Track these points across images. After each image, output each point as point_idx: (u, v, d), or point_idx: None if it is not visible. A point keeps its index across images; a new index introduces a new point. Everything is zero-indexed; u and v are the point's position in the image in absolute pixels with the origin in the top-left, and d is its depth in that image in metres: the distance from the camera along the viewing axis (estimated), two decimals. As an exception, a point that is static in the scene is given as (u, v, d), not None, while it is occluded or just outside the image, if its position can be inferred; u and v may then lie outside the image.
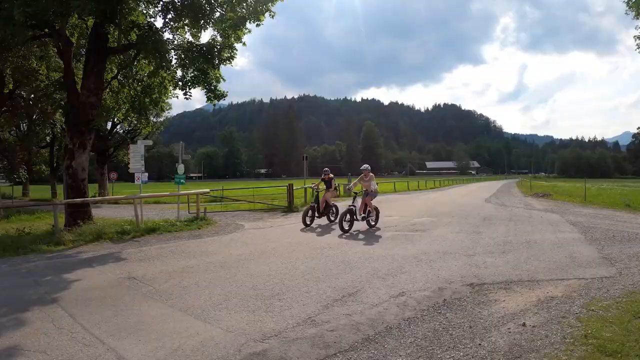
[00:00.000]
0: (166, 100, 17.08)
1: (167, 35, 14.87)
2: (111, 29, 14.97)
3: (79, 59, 18.12)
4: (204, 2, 14.02)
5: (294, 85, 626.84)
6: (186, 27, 15.26)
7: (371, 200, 13.68)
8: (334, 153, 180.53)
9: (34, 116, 25.86)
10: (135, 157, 14.85)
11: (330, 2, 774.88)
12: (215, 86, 15.46)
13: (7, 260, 9.79)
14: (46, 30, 14.15)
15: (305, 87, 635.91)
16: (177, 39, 15.37)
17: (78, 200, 13.48)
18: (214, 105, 16.74)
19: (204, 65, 14.83)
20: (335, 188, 17.46)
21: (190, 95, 15.43)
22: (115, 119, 30.81)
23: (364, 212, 13.47)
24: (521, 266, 8.17)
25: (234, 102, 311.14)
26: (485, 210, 19.55)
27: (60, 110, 21.12)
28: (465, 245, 10.49)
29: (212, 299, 6.37)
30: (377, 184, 14.10)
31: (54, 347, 4.75)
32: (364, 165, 14.08)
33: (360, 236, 12.28)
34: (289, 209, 20.23)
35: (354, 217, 13.23)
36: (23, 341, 4.92)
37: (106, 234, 12.37)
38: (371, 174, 13.95)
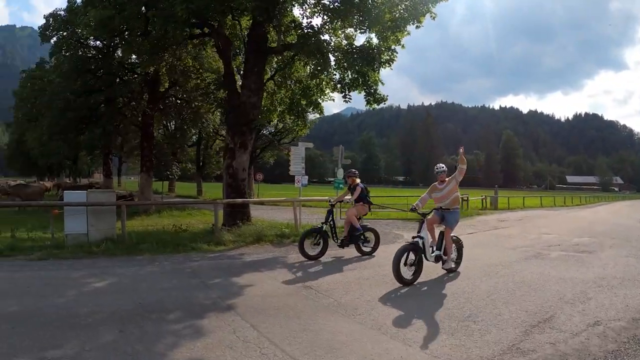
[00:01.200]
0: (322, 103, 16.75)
1: (323, 37, 14.49)
2: (270, 29, 14.87)
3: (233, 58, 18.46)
4: (366, 2, 13.31)
5: (430, 91, 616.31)
6: (346, 28, 14.70)
7: (452, 228, 8.51)
8: (472, 162, 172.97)
9: (185, 115, 27.07)
10: (296, 159, 14.61)
11: (463, 4, 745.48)
12: (375, 89, 14.77)
13: (168, 257, 9.78)
14: (205, 29, 14.41)
15: (441, 93, 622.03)
16: (333, 40, 14.89)
17: (239, 200, 13.48)
18: (373, 109, 16.08)
19: (364, 67, 14.20)
20: (366, 201, 10.75)
21: (350, 98, 14.95)
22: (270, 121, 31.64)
23: (438, 248, 8.33)
24: None
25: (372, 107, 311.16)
26: (646, 233, 17.23)
27: (220, 110, 21.89)
28: (640, 271, 9.13)
29: (402, 317, 5.85)
30: (461, 197, 9.58)
31: (245, 364, 4.25)
32: (439, 166, 8.74)
33: (523, 254, 11.10)
34: (443, 220, 18.67)
35: (423, 256, 7.96)
36: (207, 354, 4.49)
37: (266, 236, 12.13)
38: (451, 178, 8.54)
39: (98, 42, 24.22)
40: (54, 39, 24.08)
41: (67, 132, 23.00)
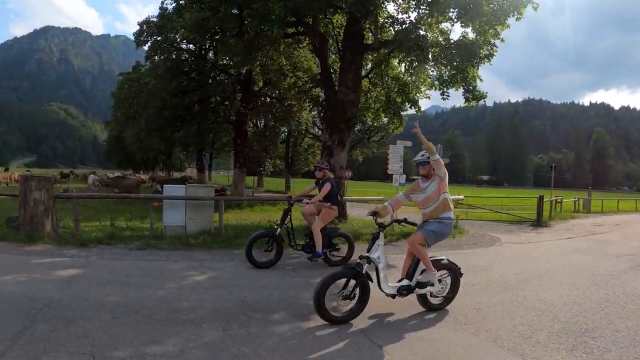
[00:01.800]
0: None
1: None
2: (366, 26, 14.65)
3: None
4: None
5: (516, 87, 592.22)
6: (441, 22, 14.17)
7: (431, 243, 5.80)
8: (561, 162, 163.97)
9: (276, 113, 27.59)
10: (395, 158, 14.27)
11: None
12: (474, 86, 14.17)
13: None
14: (300, 28, 14.39)
15: (528, 89, 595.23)
16: (429, 35, 14.40)
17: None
18: (472, 106, 15.39)
19: (464, 63, 13.63)
20: (335, 201, 8.72)
21: (448, 96, 14.44)
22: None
23: (408, 277, 5.86)
24: None
25: (457, 105, 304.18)
26: None
27: (316, 108, 22.03)
28: None
29: (517, 328, 5.34)
30: (450, 199, 6.05)
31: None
32: (422, 153, 5.98)
33: (628, 262, 10.16)
34: (538, 222, 17.96)
35: (369, 284, 5.49)
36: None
37: (362, 235, 11.73)
38: (439, 169, 5.86)
39: (190, 45, 25.25)
40: (148, 43, 25.36)
41: (163, 130, 24.22)
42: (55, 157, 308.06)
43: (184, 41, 24.90)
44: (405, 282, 5.79)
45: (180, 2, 23.46)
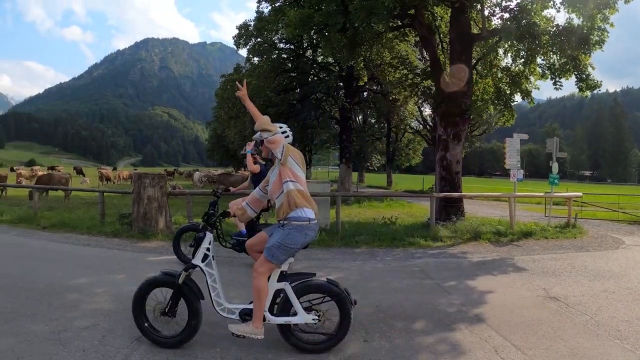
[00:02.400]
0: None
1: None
2: (473, 15, 14.04)
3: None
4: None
5: (614, 76, 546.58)
6: (547, 8, 13.10)
7: (281, 262, 4.04)
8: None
9: (380, 108, 27.32)
10: (512, 152, 13.37)
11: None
12: (588, 75, 13.00)
13: (387, 252, 9.29)
14: (405, 20, 14.01)
15: (627, 77, 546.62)
16: (539, 22, 13.37)
17: (455, 194, 12.78)
18: (586, 96, 14.17)
19: (576, 50, 12.56)
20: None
21: (561, 86, 13.29)
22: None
23: (255, 300, 4.06)
24: None
25: (553, 96, 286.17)
26: None
27: (423, 101, 21.48)
28: None
29: None
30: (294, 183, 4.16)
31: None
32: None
33: None
34: (659, 223, 16.02)
35: (200, 304, 4.23)
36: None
37: (483, 233, 11.11)
38: (274, 149, 4.08)
39: (289, 45, 25.79)
40: (248, 46, 26.22)
41: None
42: (159, 156, 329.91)
43: (283, 41, 25.57)
44: (245, 306, 4.28)
45: (276, 4, 23.95)
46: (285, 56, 26.21)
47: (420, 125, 36.13)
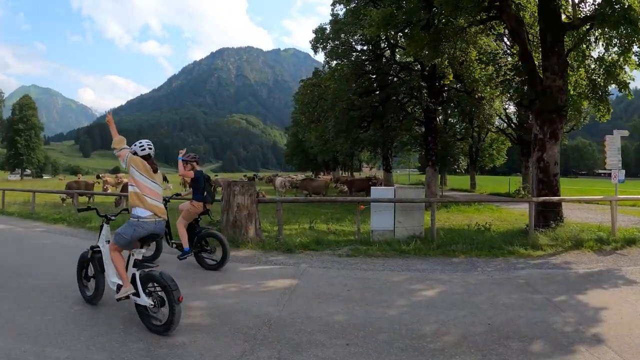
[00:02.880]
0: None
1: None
2: (561, 2, 13.13)
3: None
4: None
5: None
6: None
7: (122, 247, 5.22)
8: None
9: (465, 107, 26.28)
10: (612, 150, 12.22)
11: None
12: None
13: (487, 262, 8.66)
14: (492, 12, 13.37)
15: None
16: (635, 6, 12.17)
17: (555, 199, 11.86)
18: None
19: None
20: (199, 197, 8.13)
21: None
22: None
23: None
24: None
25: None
26: None
27: (515, 97, 20.33)
28: None
29: None
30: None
31: None
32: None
33: None
34: None
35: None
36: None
37: (584, 241, 10.19)
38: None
39: (368, 46, 25.51)
40: (326, 49, 26.16)
41: (350, 130, 24.59)
42: (238, 162, 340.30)
43: (361, 42, 25.30)
44: (116, 279, 5.39)
45: (351, 5, 23.70)
46: (364, 57, 25.88)
47: (504, 124, 34.50)
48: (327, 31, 25.95)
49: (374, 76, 25.61)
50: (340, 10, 25.42)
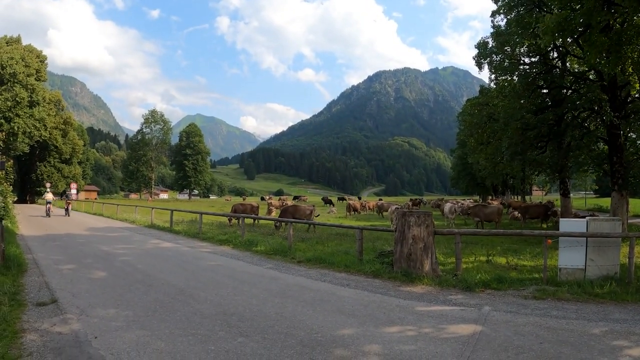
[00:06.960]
0: None
1: None
2: None
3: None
4: None
5: None
6: None
7: None
8: None
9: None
10: None
11: None
12: None
13: None
14: None
15: None
16: None
17: None
18: None
19: None
20: None
21: None
22: None
23: None
24: None
25: None
26: None
27: None
28: None
29: None
30: None
31: None
32: None
33: None
34: None
35: None
36: None
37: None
38: None
39: (537, 57, 23.50)
40: (491, 65, 24.53)
41: (526, 152, 22.95)
42: (402, 185, 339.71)
43: (529, 54, 23.42)
44: None
45: (512, 14, 22.05)
46: (535, 71, 23.72)
47: None
48: (490, 45, 24.36)
49: (546, 91, 23.29)
50: (502, 20, 23.68)
